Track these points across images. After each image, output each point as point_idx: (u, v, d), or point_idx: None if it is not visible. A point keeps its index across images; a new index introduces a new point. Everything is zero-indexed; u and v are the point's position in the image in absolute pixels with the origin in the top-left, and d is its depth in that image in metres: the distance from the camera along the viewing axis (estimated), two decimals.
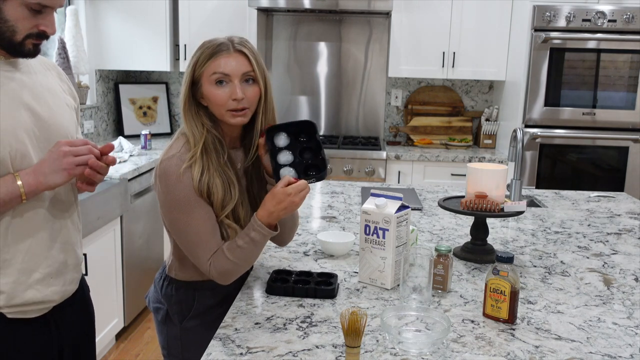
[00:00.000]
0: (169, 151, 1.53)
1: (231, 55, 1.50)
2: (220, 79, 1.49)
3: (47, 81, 1.47)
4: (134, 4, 4.06)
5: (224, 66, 1.49)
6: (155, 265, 3.64)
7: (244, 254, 1.50)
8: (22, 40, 1.33)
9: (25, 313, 1.41)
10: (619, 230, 2.30)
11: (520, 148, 2.53)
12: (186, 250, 1.55)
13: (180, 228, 1.51)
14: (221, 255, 1.50)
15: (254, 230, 1.49)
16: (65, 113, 1.48)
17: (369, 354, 1.28)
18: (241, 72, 1.50)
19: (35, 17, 1.32)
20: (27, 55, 1.37)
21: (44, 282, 1.42)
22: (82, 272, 1.61)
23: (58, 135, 1.43)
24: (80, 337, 1.61)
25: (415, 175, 4.00)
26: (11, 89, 1.35)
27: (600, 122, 3.79)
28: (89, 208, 2.77)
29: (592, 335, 1.40)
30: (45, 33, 1.35)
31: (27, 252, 1.39)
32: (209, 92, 1.50)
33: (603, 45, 3.70)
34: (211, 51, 1.50)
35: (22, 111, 1.36)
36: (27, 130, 1.36)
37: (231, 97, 1.49)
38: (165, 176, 1.49)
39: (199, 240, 1.50)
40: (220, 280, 1.53)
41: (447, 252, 1.60)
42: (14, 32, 1.31)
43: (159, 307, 1.70)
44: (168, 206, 1.51)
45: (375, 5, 3.88)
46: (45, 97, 1.43)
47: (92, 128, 3.99)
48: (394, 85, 4.54)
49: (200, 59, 1.51)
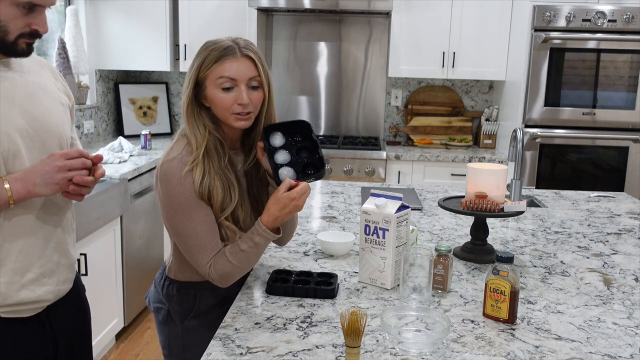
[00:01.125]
0: (169, 153, 1.52)
1: (238, 60, 1.49)
2: (227, 83, 1.49)
3: (41, 80, 1.47)
4: (134, 4, 4.06)
5: (231, 71, 1.48)
6: (155, 265, 3.64)
7: (247, 257, 1.51)
8: (15, 40, 1.33)
9: (19, 312, 1.41)
10: (619, 230, 2.30)
11: (520, 148, 2.53)
12: (186, 253, 1.55)
13: (181, 230, 1.51)
14: (223, 258, 1.50)
15: (259, 235, 1.50)
16: (59, 112, 1.48)
17: (369, 354, 1.28)
18: (247, 77, 1.50)
19: (27, 16, 1.32)
20: (21, 55, 1.37)
21: (37, 282, 1.42)
22: (76, 271, 1.61)
23: (51, 135, 1.43)
24: (76, 336, 1.61)
25: (415, 175, 4.00)
26: (4, 89, 1.35)
27: (600, 122, 3.79)
28: (89, 208, 2.77)
29: (592, 335, 1.40)
30: (38, 32, 1.35)
31: (21, 252, 1.39)
32: (214, 96, 1.50)
33: (603, 45, 3.70)
34: (218, 54, 1.49)
35: (14, 111, 1.36)
36: (20, 130, 1.36)
37: (236, 102, 1.50)
38: (166, 179, 1.49)
39: (199, 243, 1.50)
40: (220, 282, 1.53)
41: (447, 252, 1.60)
42: (7, 32, 1.31)
43: (160, 307, 1.70)
44: (168, 209, 1.51)
45: (375, 5, 3.88)
46: (39, 96, 1.43)
47: (92, 128, 3.99)
48: (394, 85, 4.54)
49: (206, 62, 1.50)
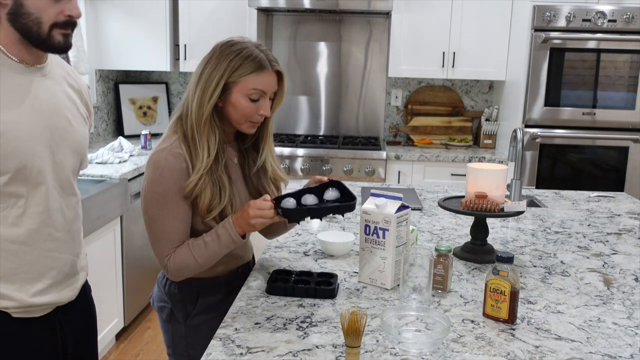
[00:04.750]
0: (160, 144, 1.55)
1: (271, 75, 1.56)
2: (257, 95, 1.54)
3: (67, 90, 1.48)
4: (134, 4, 4.06)
5: (264, 85, 1.54)
6: (155, 265, 3.61)
7: (207, 250, 1.52)
8: (50, 31, 1.32)
9: (30, 312, 1.42)
10: (619, 230, 2.30)
11: (520, 148, 2.53)
12: (150, 240, 1.57)
13: (152, 219, 1.53)
14: (185, 248, 1.53)
15: (223, 227, 1.51)
16: (80, 125, 1.50)
17: (369, 354, 1.28)
18: (273, 91, 1.58)
19: (56, 3, 1.31)
20: (58, 49, 1.37)
21: (47, 291, 1.43)
22: (87, 274, 1.61)
23: (71, 150, 1.45)
24: (83, 336, 1.62)
25: (415, 175, 4.00)
26: (35, 98, 1.36)
27: (600, 122, 3.79)
28: (89, 208, 2.77)
29: (592, 335, 1.40)
30: (72, 18, 1.34)
31: (33, 264, 1.40)
32: (239, 103, 1.53)
33: (603, 45, 3.70)
34: (256, 66, 1.52)
35: (42, 124, 1.36)
36: (45, 144, 1.37)
37: (258, 112, 1.55)
38: (152, 168, 1.52)
39: (163, 235, 1.53)
40: (174, 275, 1.56)
41: (447, 252, 1.60)
42: (40, 23, 1.31)
43: (163, 305, 1.71)
44: (147, 195, 1.54)
45: (375, 5, 3.88)
46: (65, 110, 1.44)
47: (92, 128, 3.98)
48: (394, 85, 4.54)
49: (242, 69, 1.51)
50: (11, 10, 1.30)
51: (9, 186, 1.32)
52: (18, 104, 1.32)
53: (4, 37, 1.32)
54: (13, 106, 1.31)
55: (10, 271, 1.36)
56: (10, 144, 1.30)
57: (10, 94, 1.32)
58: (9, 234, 1.34)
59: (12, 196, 1.33)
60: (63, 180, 1.44)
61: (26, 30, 1.31)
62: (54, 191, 1.41)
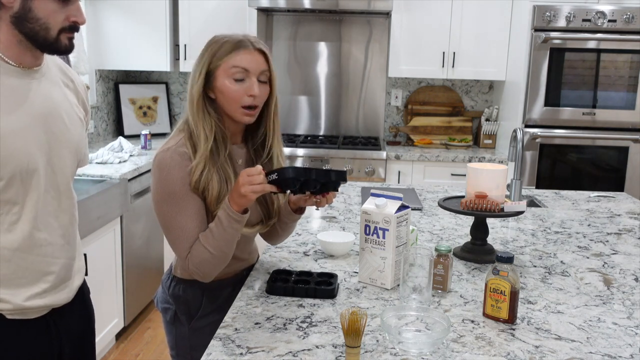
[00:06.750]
0: (165, 144, 1.54)
1: (252, 52, 1.52)
2: (239, 74, 1.51)
3: (64, 91, 1.47)
4: (134, 4, 4.06)
5: (245, 61, 1.51)
6: (155, 265, 3.64)
7: (213, 237, 1.48)
8: (57, 36, 1.33)
9: (24, 314, 1.41)
10: (619, 230, 2.30)
11: (520, 148, 2.53)
12: (169, 242, 1.56)
13: (168, 221, 1.52)
14: (198, 244, 1.51)
15: (221, 209, 1.48)
16: (77, 127, 1.49)
17: (369, 354, 1.28)
18: (259, 70, 1.53)
19: (63, 8, 1.32)
20: (64, 52, 1.37)
21: (42, 295, 1.42)
22: (84, 277, 1.61)
23: (68, 152, 1.44)
24: (80, 338, 1.61)
25: (415, 175, 4.00)
26: (30, 101, 1.35)
27: (600, 122, 3.79)
28: (89, 208, 2.77)
29: (592, 335, 1.40)
30: (77, 24, 1.35)
31: (28, 269, 1.39)
32: (224, 86, 1.51)
33: (603, 45, 3.70)
34: (232, 45, 1.51)
35: (37, 127, 1.35)
36: (40, 147, 1.36)
37: (247, 93, 1.51)
38: (159, 168, 1.51)
39: (182, 234, 1.51)
40: (198, 274, 1.53)
41: (447, 252, 1.60)
42: (48, 28, 1.31)
43: (167, 307, 1.70)
44: (158, 198, 1.52)
45: (375, 5, 3.88)
46: (61, 111, 1.43)
47: (92, 128, 3.99)
48: (394, 85, 4.54)
49: (220, 52, 1.51)
50: (17, 14, 1.29)
51: (4, 193, 1.31)
52: (14, 109, 1.31)
53: (2, 39, 1.31)
54: (9, 112, 1.30)
55: (6, 277, 1.35)
56: (6, 150, 1.29)
57: (6, 99, 1.31)
58: (3, 241, 1.33)
59: (7, 203, 1.32)
60: (59, 184, 1.43)
61: (32, 35, 1.31)
62: (48, 196, 1.40)
